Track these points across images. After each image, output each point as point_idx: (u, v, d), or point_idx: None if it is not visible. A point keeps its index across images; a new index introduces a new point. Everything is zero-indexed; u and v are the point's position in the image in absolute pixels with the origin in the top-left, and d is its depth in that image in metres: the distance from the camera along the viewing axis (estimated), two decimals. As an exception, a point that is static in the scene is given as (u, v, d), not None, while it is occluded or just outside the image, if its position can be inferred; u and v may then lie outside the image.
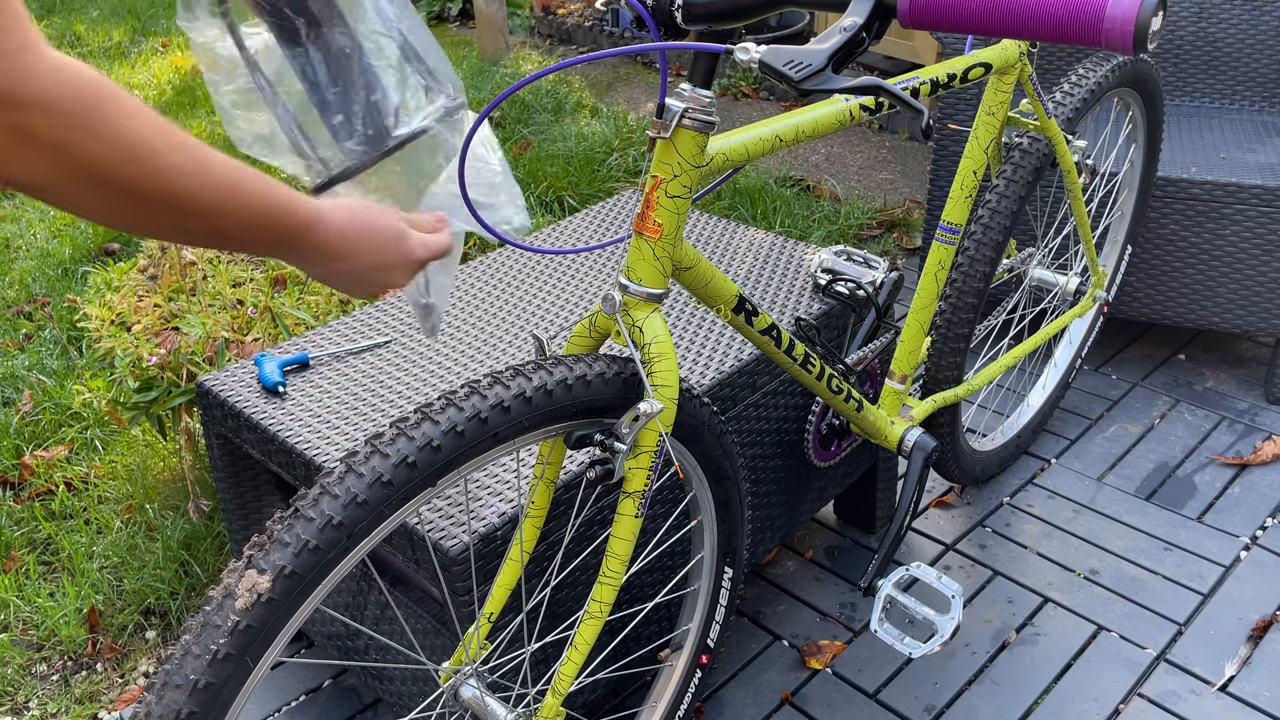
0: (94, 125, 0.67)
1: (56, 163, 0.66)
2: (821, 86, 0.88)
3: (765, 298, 1.60)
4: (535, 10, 5.20)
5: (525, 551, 1.15)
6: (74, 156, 0.66)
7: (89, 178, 0.68)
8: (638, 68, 4.67)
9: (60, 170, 0.66)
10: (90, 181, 0.68)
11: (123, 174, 0.70)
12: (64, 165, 0.67)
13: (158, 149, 0.70)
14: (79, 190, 0.69)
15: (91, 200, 0.70)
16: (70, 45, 4.93)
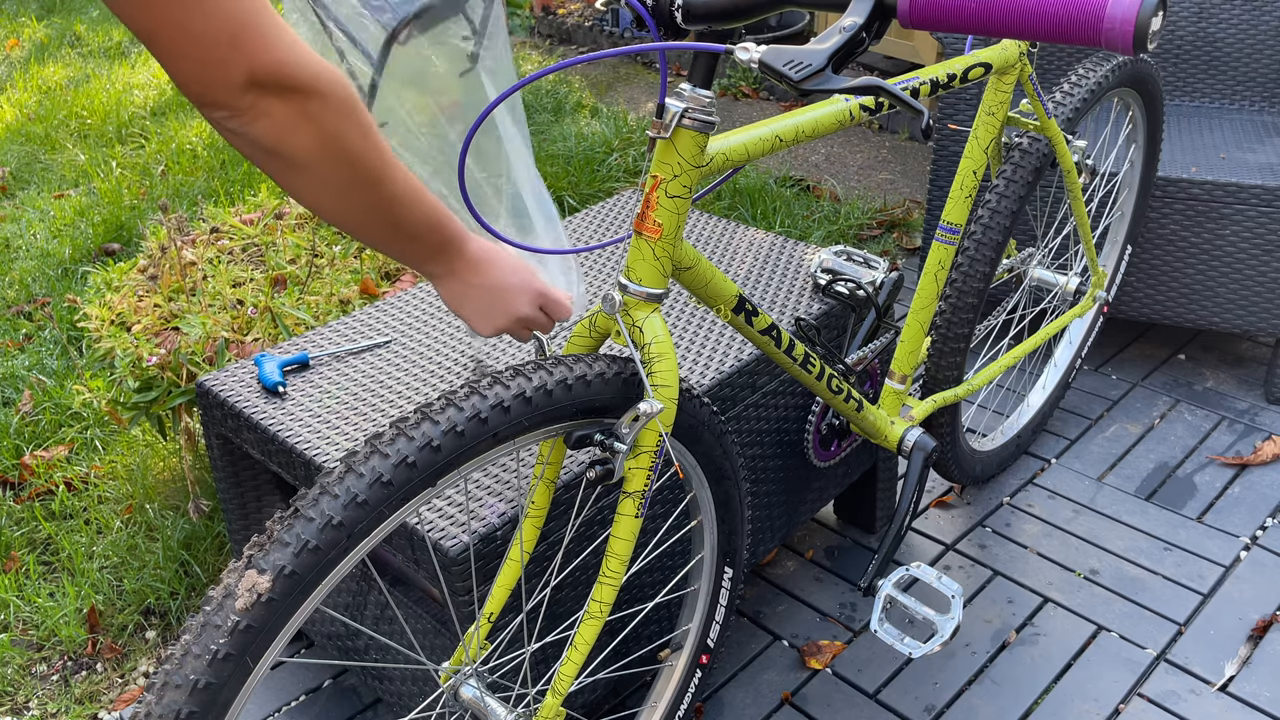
0: (356, 116, 0.84)
1: (322, 144, 0.83)
2: (821, 86, 0.88)
3: (765, 298, 1.60)
4: (535, 10, 5.20)
5: (525, 551, 1.15)
6: (338, 140, 0.83)
7: (343, 160, 0.84)
8: (638, 68, 4.67)
9: (324, 151, 0.83)
10: (343, 163, 0.84)
11: (368, 160, 0.86)
12: (328, 147, 0.83)
13: (384, 145, 0.88)
14: (330, 170, 0.84)
15: (335, 180, 0.85)
16: (70, 45, 4.93)
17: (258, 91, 0.77)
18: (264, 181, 3.26)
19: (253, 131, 0.80)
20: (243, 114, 0.78)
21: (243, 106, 0.78)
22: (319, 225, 2.94)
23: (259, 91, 0.77)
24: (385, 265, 2.71)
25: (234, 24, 0.74)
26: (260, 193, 3.17)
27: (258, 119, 0.79)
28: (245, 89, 0.77)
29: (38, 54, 4.77)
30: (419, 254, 0.98)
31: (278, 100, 0.78)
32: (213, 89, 0.77)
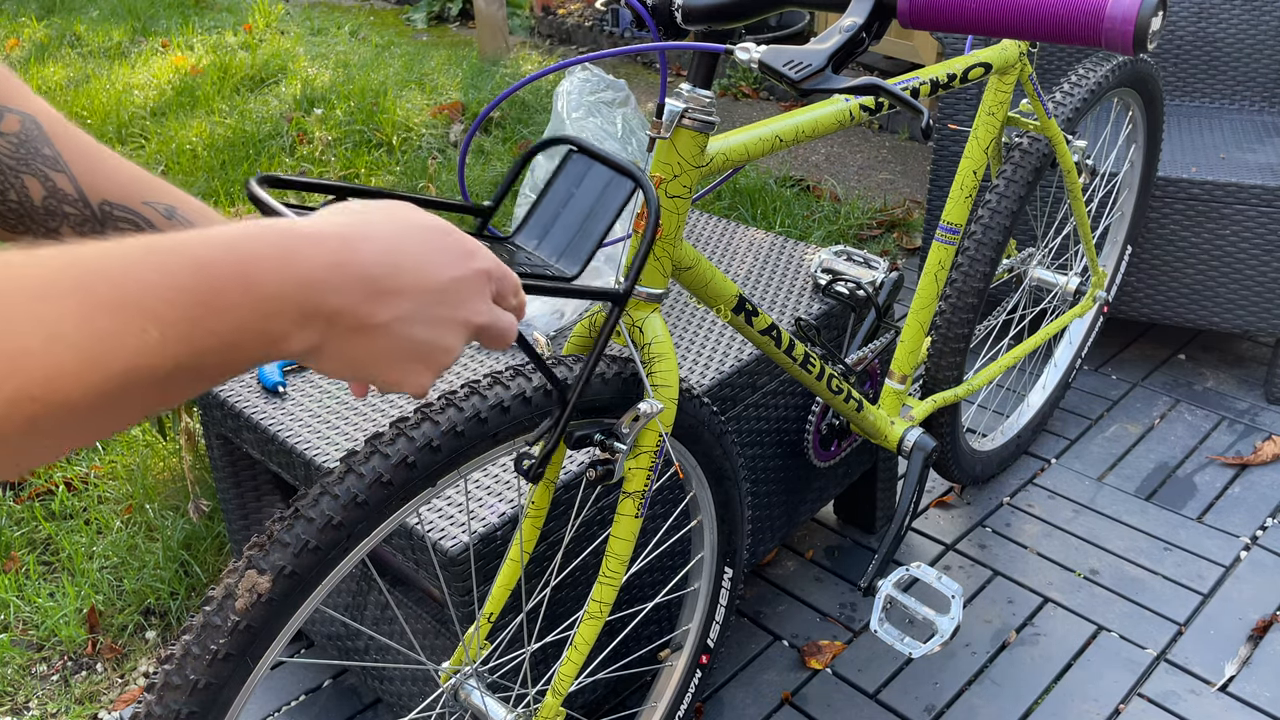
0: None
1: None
2: (821, 86, 0.88)
3: (765, 298, 1.60)
4: (535, 10, 5.20)
5: (525, 551, 1.15)
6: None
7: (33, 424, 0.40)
8: (638, 68, 4.67)
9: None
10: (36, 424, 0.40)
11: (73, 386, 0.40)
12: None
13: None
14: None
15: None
16: (70, 45, 4.93)
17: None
18: (264, 181, 3.26)
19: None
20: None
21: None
22: (319, 225, 2.94)
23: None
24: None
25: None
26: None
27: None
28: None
29: (38, 54, 4.77)
30: (234, 365, 0.48)
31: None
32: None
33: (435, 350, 0.57)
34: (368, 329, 0.53)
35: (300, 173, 3.32)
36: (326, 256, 0.50)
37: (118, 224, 0.68)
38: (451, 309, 0.57)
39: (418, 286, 0.55)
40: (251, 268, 0.46)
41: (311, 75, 4.26)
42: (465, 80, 4.16)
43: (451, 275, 0.57)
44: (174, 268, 0.44)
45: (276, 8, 5.38)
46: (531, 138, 3.61)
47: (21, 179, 0.66)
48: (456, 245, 0.59)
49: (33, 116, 0.67)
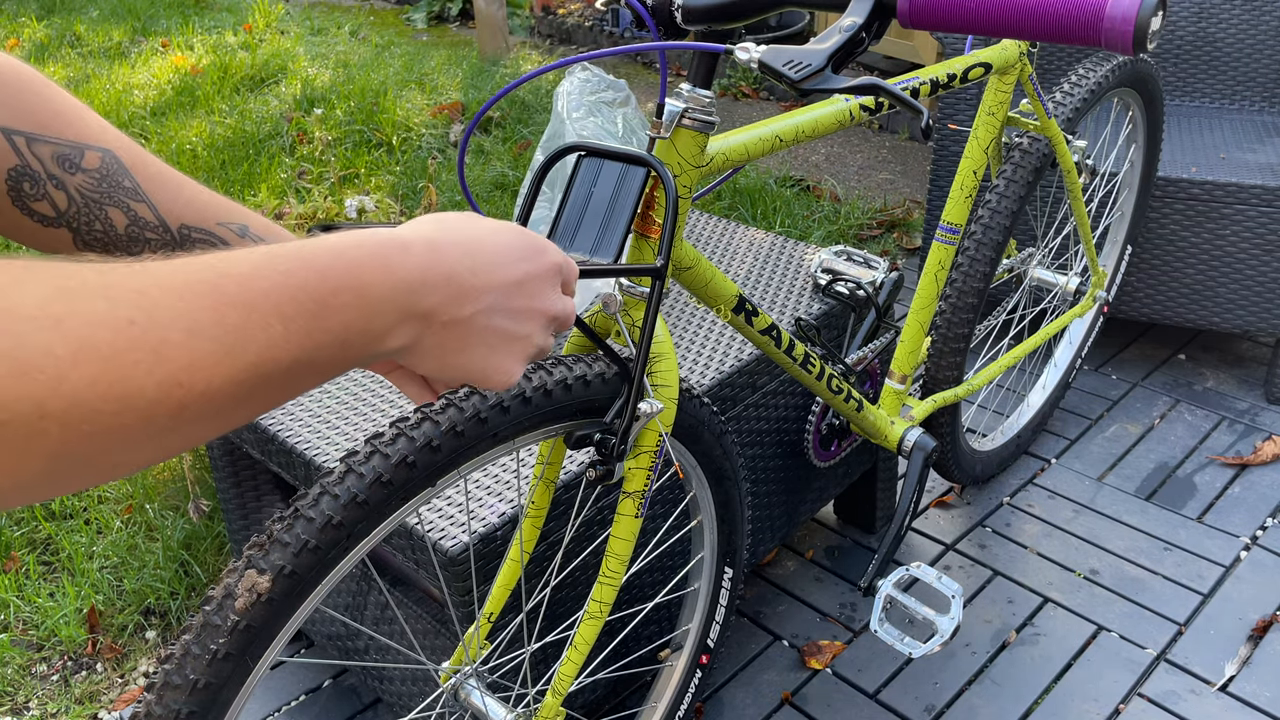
0: (116, 372, 0.41)
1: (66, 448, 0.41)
2: (821, 86, 0.88)
3: (765, 298, 1.60)
4: (535, 10, 5.20)
5: (525, 551, 1.15)
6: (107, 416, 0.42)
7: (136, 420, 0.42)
8: (638, 68, 4.67)
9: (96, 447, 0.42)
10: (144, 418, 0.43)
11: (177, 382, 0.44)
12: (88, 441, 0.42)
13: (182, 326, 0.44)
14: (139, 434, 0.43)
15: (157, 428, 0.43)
16: (70, 45, 4.93)
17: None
18: (264, 181, 3.26)
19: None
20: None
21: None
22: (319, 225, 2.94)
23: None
24: (385, 265, 2.71)
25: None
26: (260, 193, 3.18)
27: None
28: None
29: (38, 54, 4.77)
30: (343, 360, 0.53)
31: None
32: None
33: (518, 339, 0.63)
34: (456, 323, 0.58)
35: (300, 173, 3.32)
36: (418, 261, 0.56)
37: (196, 245, 0.74)
38: (529, 299, 0.64)
39: (497, 282, 0.61)
40: (359, 273, 0.52)
41: (311, 75, 4.26)
42: (465, 80, 4.16)
43: (526, 270, 0.63)
44: (295, 271, 0.49)
45: (276, 8, 5.38)
46: (531, 137, 3.61)
47: (105, 210, 0.71)
48: (529, 243, 0.65)
49: (111, 151, 0.72)
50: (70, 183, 0.70)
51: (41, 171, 0.69)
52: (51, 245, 0.72)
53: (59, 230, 0.71)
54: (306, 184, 3.23)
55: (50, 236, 0.71)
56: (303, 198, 3.16)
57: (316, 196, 3.10)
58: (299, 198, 3.16)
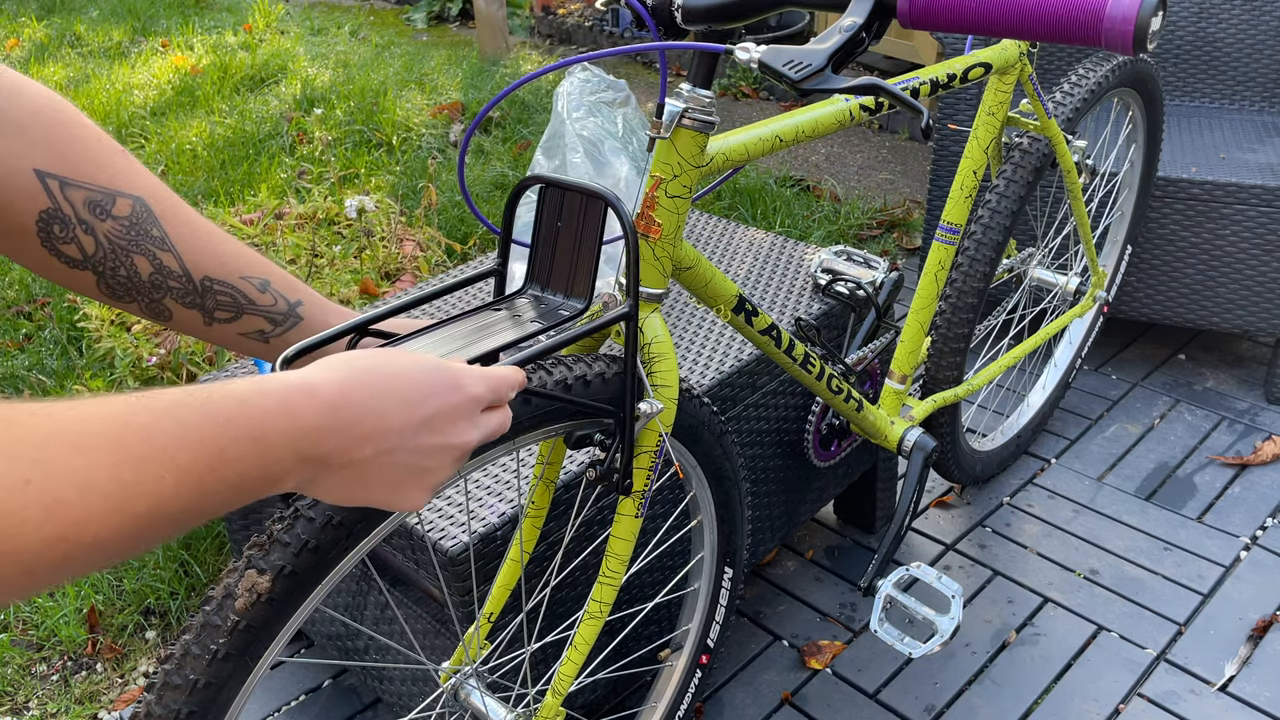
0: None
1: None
2: (821, 86, 0.88)
3: (765, 298, 1.60)
4: (535, 10, 5.20)
5: (525, 551, 1.15)
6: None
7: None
8: (638, 68, 4.67)
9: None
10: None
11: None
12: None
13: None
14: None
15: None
16: (70, 45, 4.93)
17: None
18: (264, 181, 3.26)
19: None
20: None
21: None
22: (319, 225, 2.94)
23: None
24: (385, 265, 2.71)
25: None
26: (260, 193, 3.18)
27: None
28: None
29: (38, 54, 4.77)
30: (234, 500, 0.53)
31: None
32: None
33: (422, 473, 0.64)
34: (354, 464, 0.59)
35: (300, 173, 3.32)
36: (321, 407, 0.57)
37: (217, 296, 0.77)
38: (437, 436, 0.64)
39: (401, 423, 0.61)
40: (260, 423, 0.53)
41: (311, 75, 4.26)
42: (465, 80, 4.16)
43: (436, 407, 0.64)
44: (195, 423, 0.50)
45: (276, 8, 5.38)
46: (531, 137, 3.61)
47: (131, 258, 0.73)
48: (444, 379, 0.65)
49: (142, 199, 0.74)
50: (100, 229, 0.72)
51: (72, 216, 0.70)
52: (76, 285, 0.73)
53: (84, 272, 0.73)
54: (306, 184, 3.23)
55: (75, 277, 0.73)
56: (303, 198, 3.16)
57: (316, 196, 3.10)
58: (299, 198, 3.16)
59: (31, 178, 0.68)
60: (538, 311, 0.92)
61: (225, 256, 0.78)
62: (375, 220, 2.87)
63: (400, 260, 2.74)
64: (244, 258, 0.79)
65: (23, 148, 0.68)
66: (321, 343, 0.77)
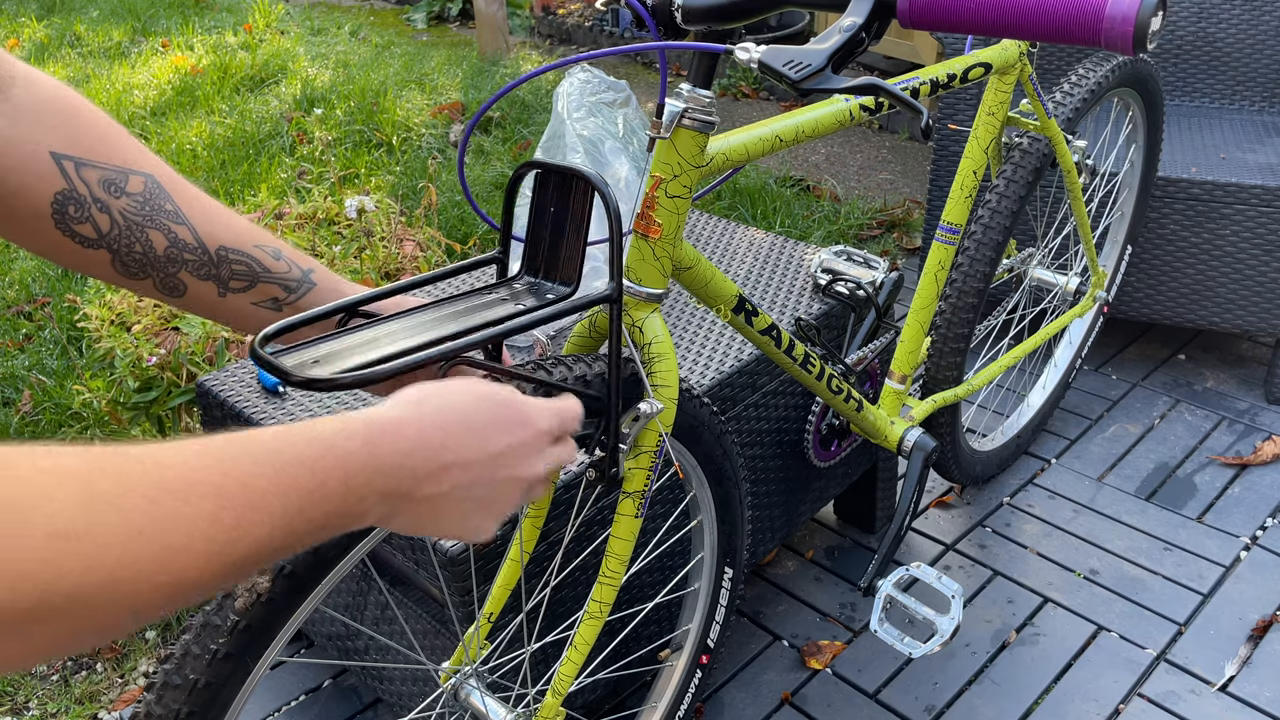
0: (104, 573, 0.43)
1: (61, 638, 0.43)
2: (821, 86, 0.88)
3: (765, 298, 1.60)
4: (535, 10, 5.20)
5: (525, 551, 1.15)
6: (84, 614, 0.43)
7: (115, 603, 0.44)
8: (638, 68, 4.67)
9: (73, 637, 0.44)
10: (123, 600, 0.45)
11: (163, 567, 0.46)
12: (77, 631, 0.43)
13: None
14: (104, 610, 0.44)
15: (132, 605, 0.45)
16: (70, 45, 4.93)
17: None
18: (264, 181, 3.26)
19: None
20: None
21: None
22: (319, 225, 2.94)
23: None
24: (385, 265, 2.71)
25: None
26: (260, 193, 3.18)
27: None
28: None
29: (38, 54, 4.77)
30: (322, 535, 0.55)
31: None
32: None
33: (493, 505, 0.67)
34: (431, 499, 0.62)
35: (300, 173, 3.32)
36: (403, 447, 0.59)
37: (232, 266, 0.78)
38: (508, 470, 0.67)
39: (474, 459, 0.64)
40: (346, 464, 0.55)
41: (311, 75, 4.26)
42: (465, 80, 4.16)
43: (507, 443, 0.67)
44: (289, 469, 0.52)
45: (276, 8, 5.38)
46: (531, 137, 3.61)
47: (146, 233, 0.74)
48: (513, 415, 0.68)
49: (152, 175, 0.76)
50: (114, 206, 0.73)
51: (87, 195, 0.72)
52: (90, 266, 0.74)
53: (98, 252, 0.73)
54: (306, 184, 3.23)
55: (89, 258, 0.74)
56: (303, 198, 3.16)
57: (316, 196, 3.10)
58: (299, 198, 3.16)
59: (48, 160, 0.70)
60: (526, 296, 0.92)
61: (237, 228, 0.79)
62: (375, 220, 2.87)
63: (400, 260, 2.74)
64: (254, 230, 0.81)
65: (39, 133, 0.70)
66: (305, 321, 0.77)
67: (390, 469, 0.58)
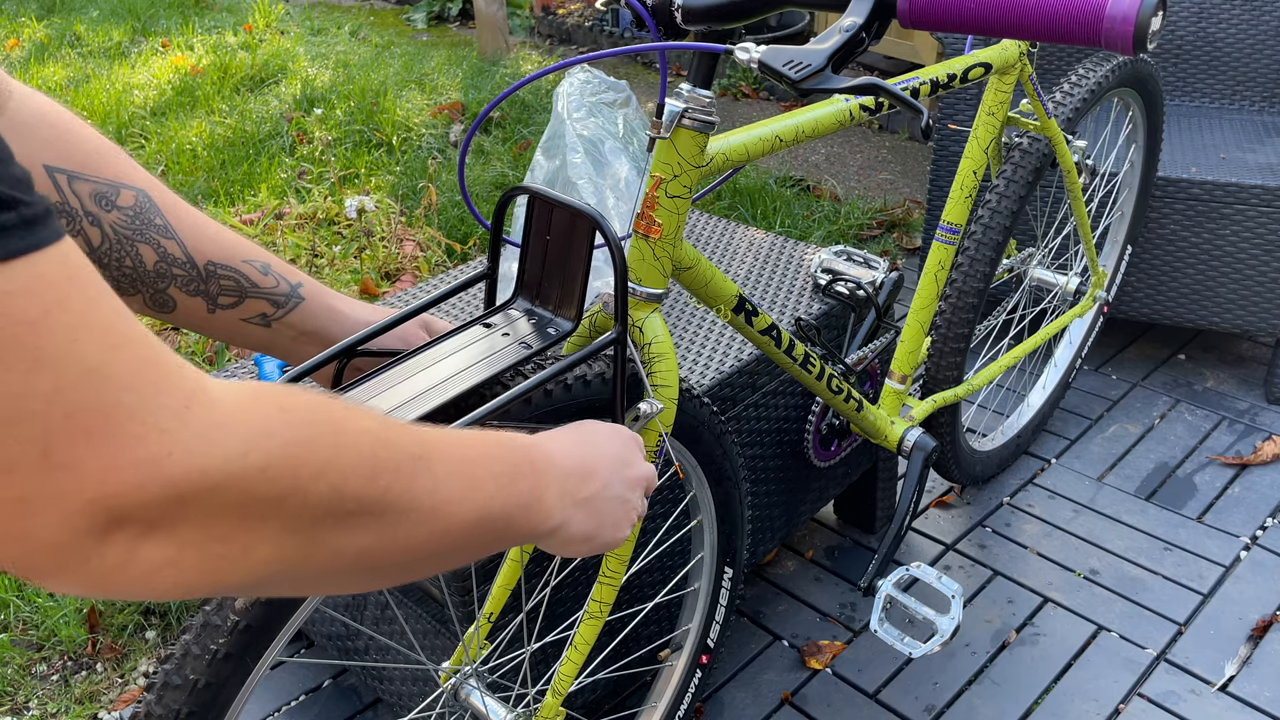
0: (338, 464, 0.49)
1: (295, 545, 0.48)
2: (821, 86, 0.88)
3: (765, 298, 1.60)
4: (535, 10, 5.20)
5: (525, 551, 1.15)
6: (311, 527, 0.48)
7: (333, 544, 0.50)
8: (638, 68, 4.67)
9: (303, 553, 0.48)
10: (334, 547, 0.50)
11: (379, 505, 0.51)
12: (305, 543, 0.48)
13: (403, 445, 0.55)
14: (324, 560, 0.50)
15: (341, 564, 0.51)
16: (70, 45, 4.93)
17: (125, 531, 0.41)
18: (264, 181, 3.26)
19: (162, 591, 0.43)
20: (116, 575, 0.41)
21: (108, 564, 0.41)
22: (319, 225, 2.94)
23: (127, 530, 0.41)
24: (385, 265, 2.71)
25: (45, 418, 0.38)
26: (260, 193, 3.18)
27: (153, 575, 0.42)
28: (97, 535, 0.40)
29: (38, 54, 4.77)
30: (523, 529, 0.66)
31: (172, 530, 0.42)
32: (32, 552, 0.40)
33: (628, 503, 0.78)
34: (585, 500, 0.73)
35: (300, 173, 3.32)
36: (563, 459, 0.72)
37: (220, 281, 0.80)
38: (630, 470, 0.79)
39: (607, 463, 0.77)
40: (533, 455, 0.68)
41: (311, 75, 4.26)
42: (465, 80, 4.16)
43: (619, 446, 0.80)
44: (507, 451, 0.65)
45: (276, 8, 5.38)
46: (531, 137, 3.61)
47: (136, 247, 0.75)
48: (613, 428, 0.81)
49: (144, 190, 0.76)
50: (106, 220, 0.74)
51: (79, 208, 0.73)
52: None
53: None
54: (306, 184, 3.23)
55: None
56: (303, 198, 3.16)
57: (316, 196, 3.10)
58: (299, 198, 3.16)
59: (41, 173, 0.71)
60: (526, 328, 0.92)
61: (225, 243, 0.80)
62: (375, 220, 2.87)
63: (400, 260, 2.74)
64: (243, 244, 0.81)
65: (33, 147, 0.71)
66: (312, 368, 0.82)
67: (562, 473, 0.71)
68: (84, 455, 0.39)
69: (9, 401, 0.38)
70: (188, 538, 0.43)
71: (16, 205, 0.39)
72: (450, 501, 0.57)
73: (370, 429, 0.53)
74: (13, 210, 0.39)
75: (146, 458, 0.40)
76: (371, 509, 0.51)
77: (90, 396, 0.39)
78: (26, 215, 0.39)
